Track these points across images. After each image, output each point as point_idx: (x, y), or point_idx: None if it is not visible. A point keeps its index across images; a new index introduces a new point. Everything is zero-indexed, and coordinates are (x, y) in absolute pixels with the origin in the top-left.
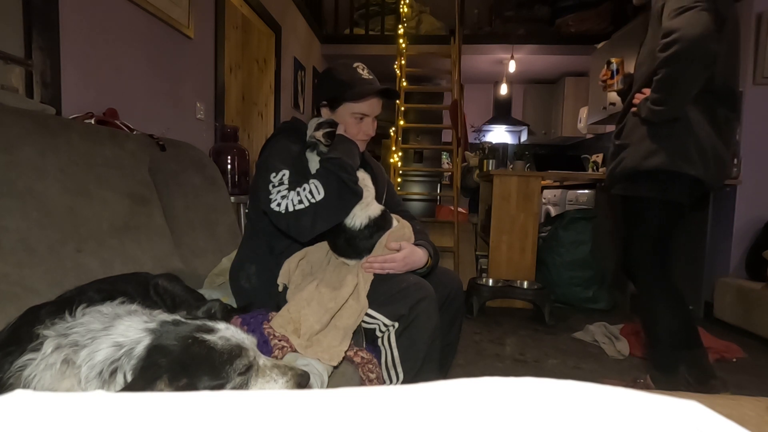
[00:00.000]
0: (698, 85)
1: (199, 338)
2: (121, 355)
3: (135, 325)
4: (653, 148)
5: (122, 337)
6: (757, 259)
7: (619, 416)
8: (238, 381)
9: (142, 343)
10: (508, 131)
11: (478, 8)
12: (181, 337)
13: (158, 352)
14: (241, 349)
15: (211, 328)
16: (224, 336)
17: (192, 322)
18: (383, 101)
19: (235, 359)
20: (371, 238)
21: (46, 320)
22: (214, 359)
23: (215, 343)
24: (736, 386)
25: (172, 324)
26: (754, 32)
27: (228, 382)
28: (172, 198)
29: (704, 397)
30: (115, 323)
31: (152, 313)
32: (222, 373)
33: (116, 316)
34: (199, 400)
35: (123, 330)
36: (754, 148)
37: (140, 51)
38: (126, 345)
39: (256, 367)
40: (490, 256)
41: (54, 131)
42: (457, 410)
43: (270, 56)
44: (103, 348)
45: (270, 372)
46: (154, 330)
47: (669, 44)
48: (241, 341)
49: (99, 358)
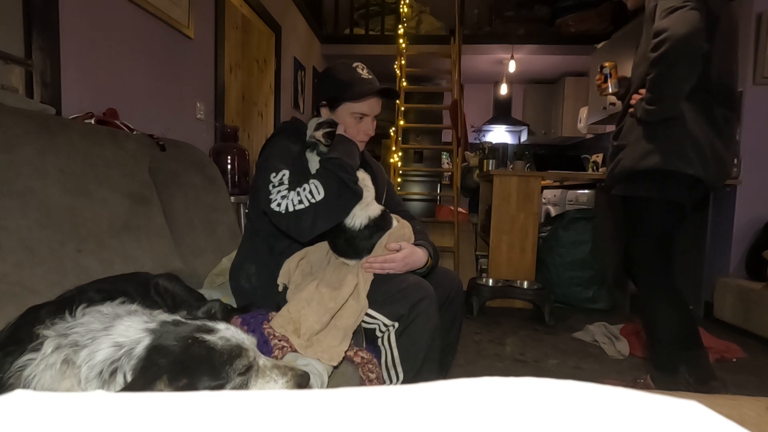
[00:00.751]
0: (689, 83)
1: (199, 338)
2: (121, 355)
3: (135, 325)
4: (650, 148)
5: (122, 337)
6: (757, 259)
7: (619, 416)
8: (238, 381)
9: (142, 344)
10: (508, 131)
11: (478, 8)
12: (181, 338)
13: (158, 353)
14: (241, 350)
15: (211, 329)
16: (224, 336)
17: (192, 322)
18: (383, 101)
19: (235, 359)
20: (371, 238)
21: (46, 320)
22: (214, 359)
23: (215, 344)
24: (736, 386)
25: (172, 324)
26: (754, 32)
27: (228, 382)
28: (172, 198)
29: (704, 397)
30: (115, 323)
31: (152, 313)
32: (222, 374)
33: (116, 316)
34: (199, 400)
35: (123, 330)
36: (754, 148)
37: (140, 51)
38: (126, 345)
39: (256, 368)
40: (490, 256)
41: (54, 131)
42: (457, 410)
43: (270, 56)
44: (103, 348)
45: (270, 372)
46: (154, 330)
47: (659, 44)
48: (241, 341)
49: (99, 358)
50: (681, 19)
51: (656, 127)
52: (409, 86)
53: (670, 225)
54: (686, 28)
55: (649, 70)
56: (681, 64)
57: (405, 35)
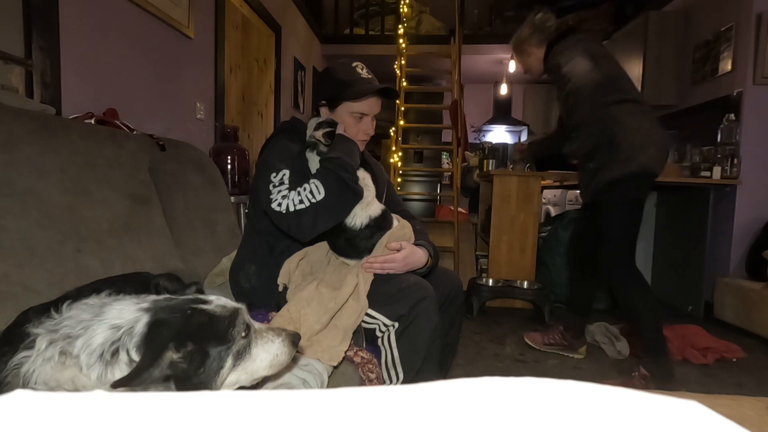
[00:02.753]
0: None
1: (197, 308)
2: (121, 335)
3: (128, 308)
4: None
5: (118, 320)
6: (757, 259)
7: (619, 416)
8: (242, 343)
9: (141, 321)
10: (508, 131)
11: (478, 8)
12: (180, 310)
13: (160, 326)
14: (239, 313)
15: (205, 300)
16: (219, 304)
17: (184, 297)
18: (382, 101)
19: (236, 322)
20: (371, 238)
21: (33, 319)
22: (216, 325)
23: (214, 311)
24: (736, 386)
25: (164, 300)
26: (754, 32)
27: (234, 344)
28: (172, 198)
29: (704, 397)
30: (105, 309)
31: (140, 296)
32: (227, 336)
33: (104, 304)
34: (199, 400)
35: (117, 313)
36: (754, 148)
37: (140, 51)
38: (124, 325)
39: (254, 329)
40: (490, 256)
41: (54, 131)
42: (457, 410)
43: (270, 56)
44: (99, 332)
45: (266, 333)
46: (148, 309)
47: (564, 82)
48: (236, 305)
49: (97, 342)
50: (577, 63)
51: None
52: (409, 86)
53: (641, 221)
54: (580, 67)
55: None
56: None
57: (405, 35)
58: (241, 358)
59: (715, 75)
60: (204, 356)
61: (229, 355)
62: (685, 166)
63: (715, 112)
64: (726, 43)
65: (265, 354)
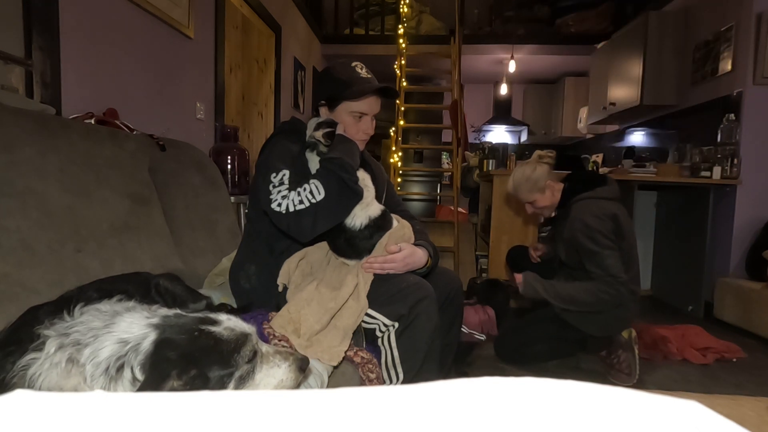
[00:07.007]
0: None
1: (204, 330)
2: (127, 351)
3: (137, 321)
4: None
5: (126, 334)
6: (757, 259)
7: (619, 416)
8: (245, 368)
9: (149, 338)
10: (508, 131)
11: (478, 8)
12: (187, 330)
13: (166, 346)
14: (246, 337)
15: (215, 320)
16: (228, 326)
17: (194, 315)
18: (382, 100)
19: (242, 347)
20: (371, 238)
21: (45, 320)
22: (222, 349)
23: (221, 334)
24: (736, 386)
25: (174, 318)
26: (754, 32)
27: (237, 369)
28: (172, 198)
29: (704, 397)
30: (115, 320)
31: (151, 308)
32: (231, 362)
33: (115, 313)
34: (200, 400)
35: (126, 327)
36: (754, 148)
37: (140, 51)
38: (131, 341)
39: (260, 354)
40: (490, 256)
41: (54, 131)
42: (457, 410)
43: (270, 56)
44: (107, 345)
45: (273, 358)
46: (157, 325)
47: (587, 252)
48: (245, 330)
49: (104, 356)
50: (609, 255)
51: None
52: (409, 86)
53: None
54: (611, 260)
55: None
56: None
57: (405, 35)
58: (244, 384)
59: (715, 75)
60: (205, 381)
61: (231, 381)
62: (685, 166)
63: (715, 112)
64: (726, 43)
65: (268, 380)
